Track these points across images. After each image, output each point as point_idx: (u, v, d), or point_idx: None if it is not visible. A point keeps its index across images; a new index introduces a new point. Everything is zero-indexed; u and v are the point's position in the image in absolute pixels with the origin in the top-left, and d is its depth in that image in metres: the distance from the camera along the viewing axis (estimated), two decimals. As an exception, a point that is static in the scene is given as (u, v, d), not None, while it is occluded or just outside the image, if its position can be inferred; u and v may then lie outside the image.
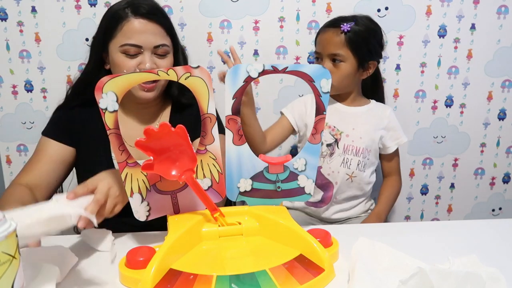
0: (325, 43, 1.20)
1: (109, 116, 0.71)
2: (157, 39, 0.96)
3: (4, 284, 0.48)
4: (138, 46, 0.94)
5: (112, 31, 0.96)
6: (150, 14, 0.95)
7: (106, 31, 0.97)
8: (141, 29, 0.94)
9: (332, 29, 1.20)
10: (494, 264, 0.62)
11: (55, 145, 1.00)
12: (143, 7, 0.95)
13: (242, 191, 0.81)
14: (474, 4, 1.45)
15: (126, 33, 0.94)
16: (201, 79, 0.73)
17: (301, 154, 0.81)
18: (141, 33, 0.94)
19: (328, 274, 0.65)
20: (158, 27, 0.96)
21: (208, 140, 0.76)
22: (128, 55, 0.95)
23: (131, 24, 0.94)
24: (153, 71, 0.72)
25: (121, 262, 0.67)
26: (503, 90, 1.53)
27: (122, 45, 0.94)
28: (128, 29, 0.94)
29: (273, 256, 0.69)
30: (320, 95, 0.77)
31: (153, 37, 0.95)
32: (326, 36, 1.20)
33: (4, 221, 0.48)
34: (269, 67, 0.75)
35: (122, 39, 0.95)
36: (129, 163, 0.73)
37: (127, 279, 0.64)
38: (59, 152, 1.00)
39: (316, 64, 0.76)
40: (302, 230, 0.72)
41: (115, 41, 0.96)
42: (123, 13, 0.95)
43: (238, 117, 0.77)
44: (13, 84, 1.45)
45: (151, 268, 0.62)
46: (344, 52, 1.18)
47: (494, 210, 1.66)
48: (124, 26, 0.95)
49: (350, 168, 1.24)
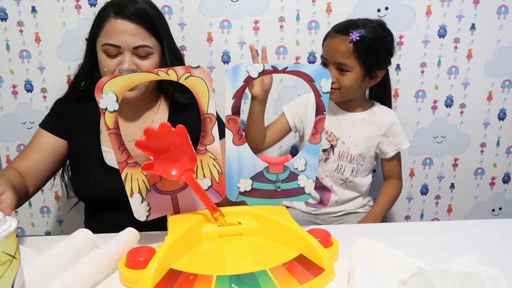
0: (332, 51, 1.14)
1: (109, 116, 0.71)
2: (136, 40, 0.95)
3: (4, 284, 0.48)
4: (117, 46, 0.95)
5: (97, 30, 0.98)
6: (133, 15, 0.96)
7: (95, 30, 0.99)
8: (121, 29, 0.95)
9: (340, 36, 1.14)
10: (494, 264, 0.62)
11: (48, 136, 1.02)
12: (128, 9, 0.96)
13: (242, 191, 0.81)
14: (474, 4, 1.45)
15: (106, 33, 0.96)
16: (201, 79, 0.73)
17: (301, 154, 0.81)
18: (120, 33, 0.94)
19: (328, 274, 0.65)
20: (139, 28, 0.96)
21: (208, 140, 0.77)
22: (109, 55, 0.96)
23: (112, 24, 0.95)
24: (153, 71, 0.72)
25: (121, 262, 0.67)
26: (503, 90, 1.54)
27: (103, 44, 0.96)
28: (109, 29, 0.96)
29: (273, 256, 0.69)
30: (320, 95, 0.77)
31: (132, 38, 0.95)
32: (334, 43, 1.14)
33: (4, 221, 0.48)
34: (269, 67, 0.76)
35: (103, 38, 0.96)
36: (129, 163, 0.74)
37: (127, 279, 0.64)
38: (51, 143, 1.02)
39: (316, 64, 0.76)
40: (302, 230, 0.72)
41: (99, 40, 0.98)
42: (107, 13, 0.97)
43: (238, 117, 0.77)
44: (13, 84, 1.45)
45: (151, 268, 0.62)
46: (351, 62, 1.12)
47: (494, 210, 1.66)
48: (106, 25, 0.96)
49: (344, 175, 1.24)
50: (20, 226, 1.56)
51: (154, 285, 0.61)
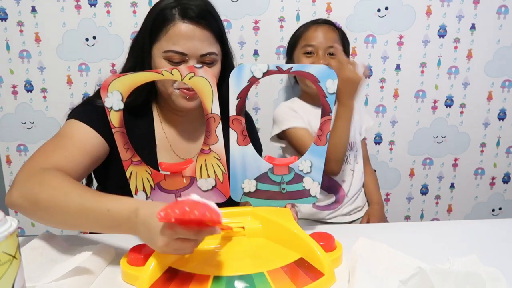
0: (323, 37, 1.23)
1: (115, 115, 0.71)
2: (204, 47, 0.85)
3: (5, 285, 0.48)
4: (183, 53, 0.85)
5: (157, 33, 0.86)
6: (200, 17, 0.85)
7: (151, 32, 0.87)
8: (188, 35, 0.84)
9: (324, 25, 1.26)
10: (494, 264, 0.62)
11: (95, 138, 0.84)
12: (192, 9, 0.85)
13: (246, 191, 0.80)
14: (474, 4, 1.45)
15: (171, 38, 0.84)
16: (205, 79, 0.73)
17: (307, 156, 0.79)
18: (188, 39, 0.84)
19: (328, 279, 0.64)
20: (207, 32, 0.86)
21: (212, 140, 0.76)
22: (172, 62, 0.85)
23: (177, 28, 0.84)
24: (158, 71, 0.72)
25: (123, 259, 0.67)
26: (503, 90, 1.54)
27: (166, 51, 0.85)
28: (174, 33, 0.84)
29: (273, 259, 0.68)
30: (325, 95, 0.76)
31: (200, 44, 0.85)
32: (323, 30, 1.25)
33: (5, 221, 0.48)
34: (273, 67, 0.75)
35: (166, 44, 0.85)
36: (134, 161, 0.74)
37: (128, 276, 0.65)
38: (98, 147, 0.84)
39: (322, 65, 0.76)
40: (304, 233, 0.71)
41: (158, 45, 0.86)
42: (170, 15, 0.85)
43: (242, 117, 0.76)
44: (13, 84, 1.45)
45: (149, 266, 0.62)
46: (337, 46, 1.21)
47: (494, 210, 1.66)
48: (170, 29, 0.84)
49: (351, 164, 1.26)
50: (20, 226, 1.56)
51: (152, 283, 0.62)
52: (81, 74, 1.46)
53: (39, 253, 0.69)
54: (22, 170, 0.74)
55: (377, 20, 1.45)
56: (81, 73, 1.46)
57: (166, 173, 0.76)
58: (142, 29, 0.90)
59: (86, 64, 1.45)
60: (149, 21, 0.88)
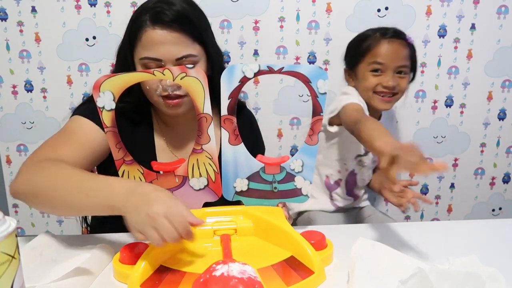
0: (393, 55, 1.13)
1: (106, 115, 0.72)
2: (180, 50, 0.83)
3: (3, 285, 0.48)
4: (158, 59, 0.83)
5: (134, 41, 0.85)
6: (173, 22, 0.83)
7: (129, 39, 0.86)
8: (160, 40, 0.82)
9: (397, 40, 1.14)
10: (494, 264, 0.62)
11: (100, 136, 0.84)
12: (165, 14, 0.82)
13: (238, 190, 0.81)
14: (474, 4, 1.45)
15: (145, 45, 0.83)
16: (197, 79, 0.73)
17: (298, 155, 0.80)
18: (161, 44, 0.82)
19: (318, 276, 0.65)
20: (182, 36, 0.83)
21: (204, 140, 0.77)
22: (149, 69, 0.82)
23: (149, 35, 0.83)
24: (149, 71, 0.72)
25: (115, 257, 0.68)
26: (503, 90, 1.54)
27: (142, 58, 0.84)
28: (147, 40, 0.83)
29: (263, 257, 0.69)
30: (317, 96, 0.76)
31: (175, 48, 0.83)
32: (394, 47, 1.13)
33: (4, 221, 0.48)
34: (264, 68, 0.75)
35: (141, 51, 0.84)
36: (126, 160, 0.75)
37: (120, 274, 0.65)
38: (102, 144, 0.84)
39: (313, 65, 0.75)
40: (295, 232, 0.71)
41: (136, 52, 0.85)
42: (142, 21, 0.84)
43: (233, 116, 0.77)
44: (13, 84, 1.45)
45: (141, 264, 0.63)
46: (408, 65, 1.15)
47: (494, 210, 1.66)
48: (143, 36, 0.83)
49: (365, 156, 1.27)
50: (20, 226, 1.56)
51: (143, 281, 0.62)
52: (81, 74, 1.46)
53: (39, 253, 0.69)
54: (26, 162, 0.76)
55: (377, 20, 1.44)
56: (81, 73, 1.46)
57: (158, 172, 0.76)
58: (124, 36, 0.89)
59: (86, 64, 1.45)
60: (128, 29, 0.88)
